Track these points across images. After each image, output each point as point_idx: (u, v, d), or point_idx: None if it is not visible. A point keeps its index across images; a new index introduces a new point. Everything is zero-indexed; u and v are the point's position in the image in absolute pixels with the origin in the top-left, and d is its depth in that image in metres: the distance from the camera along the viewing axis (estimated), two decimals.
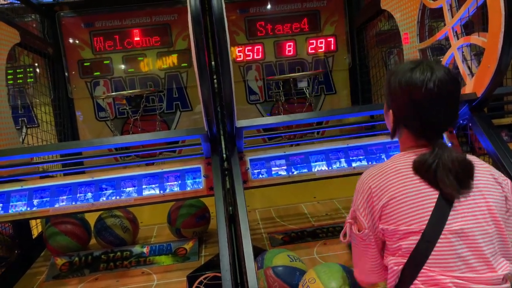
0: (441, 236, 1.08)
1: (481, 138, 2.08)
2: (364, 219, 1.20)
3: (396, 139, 1.31)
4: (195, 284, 1.99)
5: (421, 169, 1.13)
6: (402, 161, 1.19)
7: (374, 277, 1.28)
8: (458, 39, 2.21)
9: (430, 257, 1.08)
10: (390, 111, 1.24)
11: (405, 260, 1.12)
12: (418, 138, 1.20)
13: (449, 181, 1.09)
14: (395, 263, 1.15)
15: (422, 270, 1.09)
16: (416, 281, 1.10)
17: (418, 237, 1.10)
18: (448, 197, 1.11)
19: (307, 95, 3.57)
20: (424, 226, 1.09)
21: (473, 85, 2.08)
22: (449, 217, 1.09)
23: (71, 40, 3.53)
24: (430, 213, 1.10)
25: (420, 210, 1.11)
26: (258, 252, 2.21)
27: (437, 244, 1.08)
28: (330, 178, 2.33)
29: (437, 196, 1.11)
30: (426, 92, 1.13)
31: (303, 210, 3.09)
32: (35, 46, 3.05)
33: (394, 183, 1.15)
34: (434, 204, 1.11)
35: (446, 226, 1.09)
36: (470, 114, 2.13)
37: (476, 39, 2.04)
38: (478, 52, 2.21)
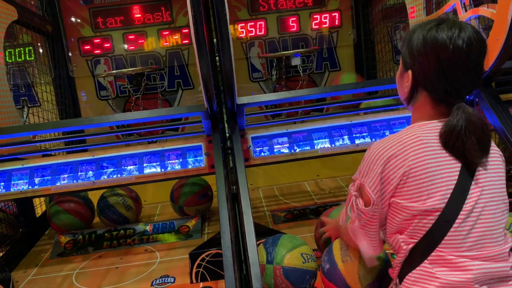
0: (459, 216, 1.03)
1: (488, 114, 2.03)
2: (372, 191, 1.11)
3: (407, 107, 1.21)
4: (198, 261, 2.00)
5: (450, 138, 1.03)
6: (424, 130, 1.09)
7: (370, 251, 1.24)
8: (466, 11, 2.13)
9: (445, 237, 1.03)
10: (409, 72, 1.13)
11: (417, 240, 1.07)
12: (437, 104, 1.10)
13: (476, 148, 1.02)
14: (405, 241, 1.09)
15: (434, 251, 1.05)
16: (425, 261, 1.06)
17: (435, 217, 1.04)
18: (472, 166, 1.04)
19: (301, 73, 3.46)
20: (444, 205, 1.03)
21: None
22: (468, 195, 1.03)
23: (70, 18, 3.47)
24: (451, 190, 1.03)
25: (441, 186, 1.03)
26: (263, 230, 2.20)
27: (454, 224, 1.03)
28: (333, 156, 2.30)
29: (459, 168, 1.04)
30: (454, 50, 1.03)
31: (306, 188, 3.08)
32: (34, 23, 3.00)
33: (415, 153, 1.05)
34: (455, 179, 1.03)
35: (464, 206, 1.03)
36: (477, 89, 2.07)
37: (485, 10, 1.97)
38: (486, 26, 2.14)
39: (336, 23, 3.66)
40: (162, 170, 2.19)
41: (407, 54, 1.13)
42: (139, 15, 3.50)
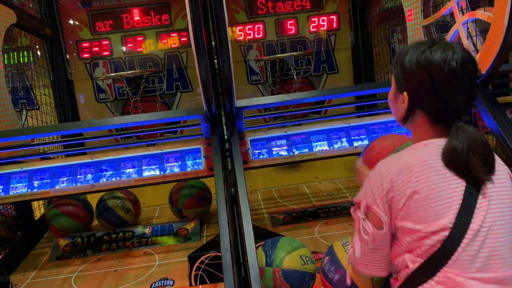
0: (465, 236, 1.01)
1: (485, 117, 2.04)
2: (384, 214, 1.07)
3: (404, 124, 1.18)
4: (197, 264, 2.00)
5: (453, 156, 1.03)
6: (426, 150, 1.08)
7: (380, 273, 1.17)
8: (463, 14, 2.15)
9: (452, 257, 1.01)
10: (404, 94, 1.13)
11: (423, 260, 1.05)
12: (436, 123, 1.11)
13: (481, 166, 1.02)
14: (411, 260, 1.07)
15: (439, 271, 1.03)
16: (430, 281, 1.04)
17: (442, 237, 1.02)
18: (478, 184, 1.04)
19: (294, 75, 3.45)
20: (451, 225, 1.01)
21: (477, 61, 2.03)
22: (475, 214, 1.02)
23: (68, 21, 3.48)
24: (457, 210, 1.02)
25: (446, 207, 1.02)
26: (261, 233, 2.21)
27: (461, 244, 1.01)
28: (331, 158, 2.31)
29: (463, 187, 1.03)
30: (449, 72, 1.05)
31: (304, 191, 3.09)
32: (32, 27, 3.00)
33: (419, 175, 1.04)
34: (461, 198, 1.03)
35: (471, 225, 1.02)
36: None
37: (481, 14, 1.98)
38: (483, 29, 2.15)
39: (334, 26, 3.68)
40: (161, 172, 2.19)
41: (402, 76, 1.14)
42: (138, 18, 3.50)
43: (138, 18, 3.51)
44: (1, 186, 2.15)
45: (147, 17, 3.51)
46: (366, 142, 2.27)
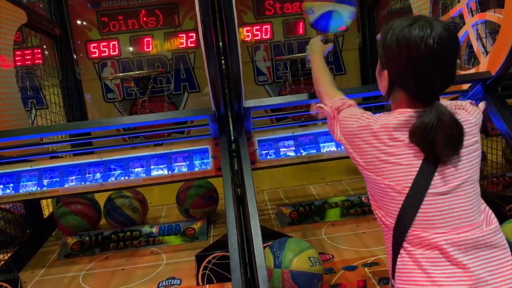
0: (425, 199, 1.05)
1: (495, 118, 2.03)
2: (339, 131, 1.23)
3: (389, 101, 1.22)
4: (204, 263, 2.01)
5: (420, 133, 1.06)
6: (399, 118, 1.12)
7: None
8: (472, 16, 2.14)
9: (416, 218, 1.06)
10: (385, 71, 1.15)
11: (393, 221, 1.10)
12: (414, 101, 1.12)
13: (445, 147, 1.04)
14: (384, 218, 1.14)
15: (409, 230, 1.07)
16: (405, 244, 1.08)
17: (401, 199, 1.07)
18: (437, 161, 1.07)
19: (301, 78, 3.44)
20: (408, 189, 1.06)
21: (487, 63, 2.02)
22: (433, 181, 1.06)
23: (78, 21, 3.50)
24: (414, 176, 1.06)
25: (404, 171, 1.07)
26: (268, 233, 2.21)
27: (422, 206, 1.06)
28: (338, 159, 2.31)
29: (421, 159, 1.07)
30: (425, 50, 1.04)
31: (311, 191, 3.08)
32: (42, 27, 3.03)
33: (383, 134, 1.11)
34: (418, 167, 1.07)
35: (431, 187, 1.06)
36: (484, 94, 2.07)
37: (491, 15, 1.97)
38: (493, 31, 2.14)
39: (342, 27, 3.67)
40: (169, 172, 2.20)
41: (383, 54, 1.15)
42: (146, 19, 3.52)
43: (146, 19, 3.53)
44: (11, 184, 2.18)
45: (155, 18, 3.53)
46: None
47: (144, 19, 3.52)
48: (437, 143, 1.05)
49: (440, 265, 1.04)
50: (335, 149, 2.27)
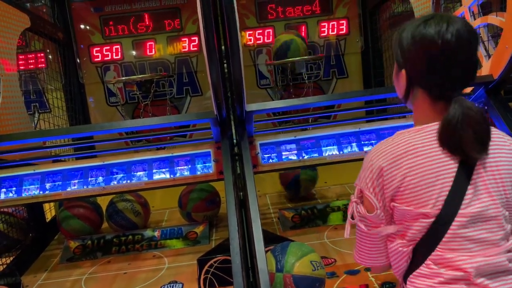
0: (456, 218, 1.03)
1: (497, 122, 2.02)
2: (375, 198, 1.10)
3: (407, 108, 1.19)
4: (206, 267, 2.00)
5: (447, 132, 1.03)
6: (420, 136, 1.08)
7: (382, 261, 1.20)
8: (475, 19, 2.14)
9: (444, 238, 1.03)
10: (403, 71, 1.12)
11: (415, 242, 1.08)
12: (435, 100, 1.09)
13: (473, 142, 1.01)
14: (402, 245, 1.10)
15: (434, 251, 1.05)
16: (427, 261, 1.06)
17: (431, 219, 1.04)
18: (471, 162, 1.03)
19: (305, 80, 3.47)
20: (441, 207, 1.03)
21: (489, 67, 2.02)
22: (466, 196, 1.03)
23: (81, 25, 3.52)
24: (447, 192, 1.03)
25: (435, 189, 1.04)
26: (270, 237, 2.20)
27: (451, 226, 1.03)
28: (341, 163, 2.30)
29: (455, 168, 1.03)
30: (443, 45, 1.02)
31: (314, 195, 3.08)
32: (45, 31, 3.05)
33: (409, 163, 1.06)
34: (451, 179, 1.03)
35: (462, 208, 1.03)
36: (486, 97, 2.07)
37: (493, 19, 1.97)
38: (495, 34, 2.14)
39: (344, 30, 3.68)
40: (171, 176, 2.20)
41: (399, 54, 1.13)
42: (149, 23, 3.54)
43: (149, 23, 3.54)
44: (14, 188, 2.18)
45: (158, 22, 3.54)
46: None
47: (147, 23, 3.54)
48: (464, 140, 1.01)
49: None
50: (337, 153, 2.26)
